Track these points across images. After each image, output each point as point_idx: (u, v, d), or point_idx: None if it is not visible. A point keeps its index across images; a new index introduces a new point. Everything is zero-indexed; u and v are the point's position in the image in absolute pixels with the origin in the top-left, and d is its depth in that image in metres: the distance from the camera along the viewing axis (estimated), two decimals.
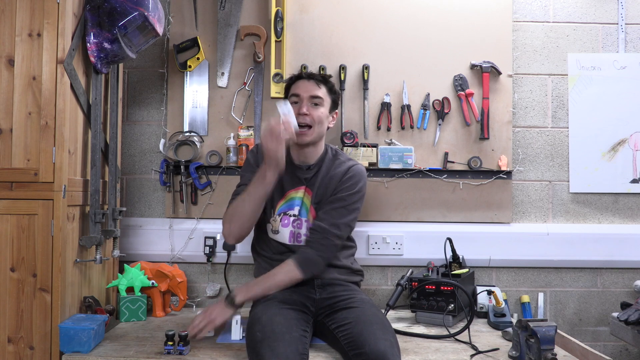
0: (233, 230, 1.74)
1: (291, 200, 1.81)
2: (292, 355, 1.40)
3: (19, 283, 1.68)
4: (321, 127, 1.79)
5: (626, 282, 2.29)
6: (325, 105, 1.80)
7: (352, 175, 1.79)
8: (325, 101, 1.80)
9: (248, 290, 1.71)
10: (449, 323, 1.88)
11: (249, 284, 1.75)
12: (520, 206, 2.31)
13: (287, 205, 1.81)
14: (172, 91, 2.29)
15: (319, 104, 1.78)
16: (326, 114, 1.81)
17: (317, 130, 1.77)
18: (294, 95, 1.79)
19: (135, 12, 1.78)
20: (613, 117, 2.31)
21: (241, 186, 1.82)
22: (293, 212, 1.81)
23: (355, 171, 1.81)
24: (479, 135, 2.27)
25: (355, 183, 1.79)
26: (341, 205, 1.77)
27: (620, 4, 2.32)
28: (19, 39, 1.69)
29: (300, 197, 1.81)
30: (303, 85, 1.79)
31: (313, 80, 1.80)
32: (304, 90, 1.78)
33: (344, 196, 1.77)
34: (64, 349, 1.60)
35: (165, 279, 2.01)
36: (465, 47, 2.28)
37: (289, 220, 1.80)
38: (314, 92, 1.78)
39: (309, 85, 1.78)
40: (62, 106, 1.70)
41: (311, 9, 2.29)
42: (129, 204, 2.29)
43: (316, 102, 1.78)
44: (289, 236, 1.80)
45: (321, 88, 1.79)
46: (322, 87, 1.80)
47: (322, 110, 1.78)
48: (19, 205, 1.68)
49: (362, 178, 1.81)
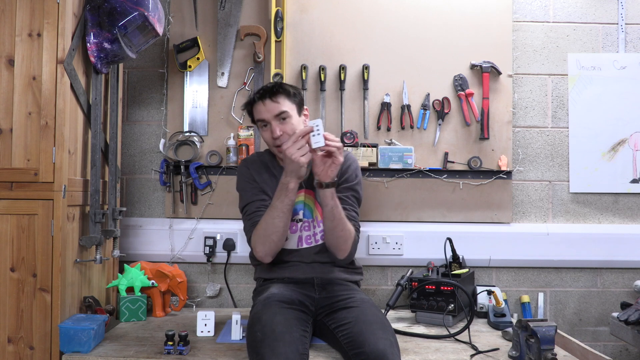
0: (270, 249, 1.71)
1: (295, 205, 1.79)
2: (292, 355, 1.40)
3: (19, 283, 1.68)
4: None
5: (626, 282, 2.29)
6: (293, 112, 1.75)
7: (350, 164, 1.83)
8: (291, 109, 1.75)
9: (334, 194, 1.66)
10: (449, 323, 1.87)
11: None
12: (520, 206, 2.31)
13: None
14: (172, 91, 2.29)
15: (287, 117, 1.73)
16: (297, 119, 1.76)
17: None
18: (260, 121, 1.76)
19: (135, 12, 1.78)
20: (613, 117, 2.31)
21: (249, 204, 1.79)
22: (298, 216, 1.81)
23: (351, 159, 1.85)
24: (479, 135, 2.27)
25: (355, 170, 1.84)
26: (352, 195, 1.81)
27: (620, 4, 2.32)
28: (19, 39, 1.69)
29: (301, 200, 1.81)
30: (262, 108, 1.74)
31: (269, 99, 1.73)
32: (266, 113, 1.73)
33: (351, 185, 1.80)
34: (64, 349, 1.60)
35: (165, 279, 2.01)
36: (465, 47, 2.28)
37: (296, 227, 1.80)
38: (276, 110, 1.72)
39: (268, 106, 1.73)
40: (62, 106, 1.70)
41: (311, 9, 2.29)
42: (129, 204, 2.29)
43: (283, 116, 1.73)
44: (297, 241, 1.81)
45: (280, 101, 1.73)
46: (281, 98, 1.73)
47: (293, 121, 1.74)
48: (19, 205, 1.68)
49: (357, 163, 1.87)
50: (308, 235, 1.82)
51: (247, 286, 2.28)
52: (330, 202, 1.66)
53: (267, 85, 1.79)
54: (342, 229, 1.70)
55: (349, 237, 1.72)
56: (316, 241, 1.81)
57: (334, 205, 1.66)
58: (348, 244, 1.73)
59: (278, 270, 1.81)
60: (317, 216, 1.82)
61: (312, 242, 1.81)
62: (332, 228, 1.70)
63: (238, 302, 2.28)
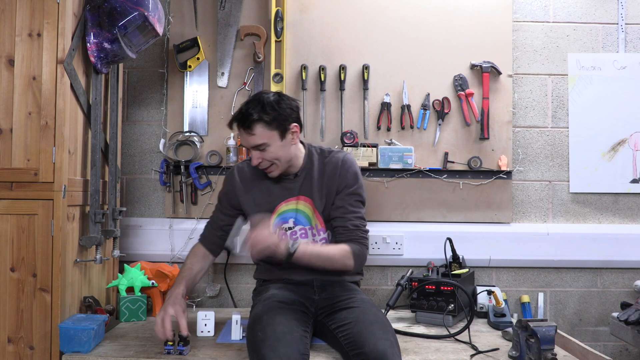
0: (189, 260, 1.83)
1: (283, 214, 1.79)
2: (293, 355, 1.39)
3: (19, 283, 1.68)
4: (282, 158, 1.71)
5: (626, 282, 2.29)
6: (272, 140, 1.67)
7: (349, 166, 1.79)
8: (270, 137, 1.66)
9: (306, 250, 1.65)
10: (449, 323, 1.87)
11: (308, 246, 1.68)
12: (520, 206, 2.32)
13: (280, 220, 1.80)
14: (172, 91, 2.29)
15: (265, 147, 1.67)
16: (279, 144, 1.68)
17: (282, 161, 1.72)
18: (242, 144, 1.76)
19: (135, 12, 1.78)
20: (613, 117, 2.31)
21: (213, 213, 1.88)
22: (288, 224, 1.79)
23: (348, 162, 1.80)
24: (479, 135, 2.27)
25: (354, 174, 1.79)
26: (355, 200, 1.78)
27: (620, 4, 2.32)
28: (19, 39, 1.69)
29: (292, 208, 1.79)
30: (242, 136, 1.70)
31: (243, 130, 1.67)
32: (245, 142, 1.71)
33: (353, 190, 1.77)
34: (64, 349, 1.60)
35: (165, 279, 2.01)
36: (465, 47, 2.28)
37: (286, 235, 1.77)
38: (253, 142, 1.67)
39: (245, 137, 1.68)
40: (62, 106, 1.70)
41: (311, 9, 2.29)
42: (129, 204, 2.29)
43: (261, 148, 1.68)
44: None
45: (257, 133, 1.65)
46: (257, 129, 1.65)
47: (272, 148, 1.68)
48: (19, 205, 1.68)
49: (355, 165, 1.81)
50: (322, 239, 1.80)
51: (247, 286, 2.28)
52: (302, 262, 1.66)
53: (244, 108, 1.67)
54: (331, 267, 1.71)
55: (345, 266, 1.72)
56: None
57: (307, 262, 1.66)
58: (348, 267, 1.73)
59: (277, 271, 1.80)
60: (317, 224, 1.79)
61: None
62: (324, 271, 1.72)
63: (238, 302, 2.28)
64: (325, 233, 1.80)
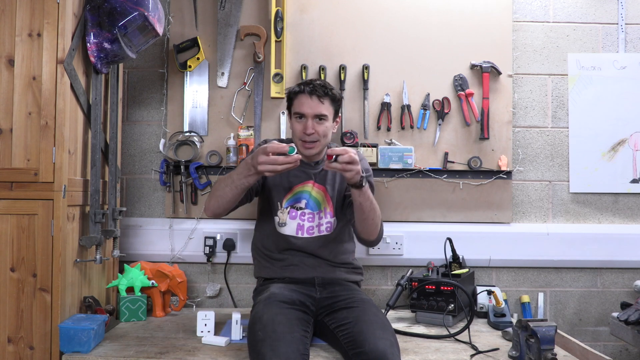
0: (212, 205, 1.76)
1: (299, 194, 1.84)
2: (293, 355, 1.40)
3: (19, 283, 1.67)
4: (326, 139, 1.82)
5: (626, 282, 2.29)
6: (330, 118, 1.79)
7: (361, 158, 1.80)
8: (330, 113, 1.79)
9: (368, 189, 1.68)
10: (449, 323, 1.88)
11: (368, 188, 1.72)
12: (520, 206, 2.32)
13: (294, 199, 1.84)
14: (172, 91, 2.29)
15: (324, 119, 1.77)
16: (331, 125, 1.81)
17: (323, 142, 1.80)
18: (297, 113, 1.78)
19: (135, 12, 1.78)
20: (613, 117, 2.31)
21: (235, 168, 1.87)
22: (299, 204, 1.84)
23: (361, 154, 1.88)
24: (479, 135, 2.27)
25: (366, 163, 1.91)
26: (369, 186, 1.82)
27: (620, 4, 2.32)
28: (19, 39, 1.69)
29: (308, 190, 1.84)
30: (307, 102, 1.76)
31: (316, 97, 1.76)
32: (308, 109, 1.76)
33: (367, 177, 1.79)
34: (64, 349, 1.60)
35: (165, 279, 2.01)
36: (465, 47, 2.28)
37: (296, 213, 1.83)
38: (319, 110, 1.76)
39: (312, 103, 1.76)
40: (62, 106, 1.70)
41: (311, 9, 2.29)
42: (129, 204, 2.29)
43: (321, 118, 1.77)
44: (296, 228, 1.83)
45: (324, 103, 1.77)
46: (326, 101, 1.77)
47: (327, 124, 1.79)
48: (19, 205, 1.68)
49: (365, 160, 1.93)
50: (311, 226, 1.83)
51: (247, 286, 2.28)
52: (357, 199, 1.67)
53: (317, 81, 1.79)
54: (372, 220, 1.73)
55: (377, 225, 1.76)
56: (319, 232, 1.83)
57: (361, 201, 1.68)
58: (379, 227, 1.77)
59: (278, 269, 1.82)
60: (325, 208, 1.84)
61: (314, 232, 1.83)
62: (362, 220, 1.73)
63: (238, 302, 2.28)
64: (332, 218, 1.85)
